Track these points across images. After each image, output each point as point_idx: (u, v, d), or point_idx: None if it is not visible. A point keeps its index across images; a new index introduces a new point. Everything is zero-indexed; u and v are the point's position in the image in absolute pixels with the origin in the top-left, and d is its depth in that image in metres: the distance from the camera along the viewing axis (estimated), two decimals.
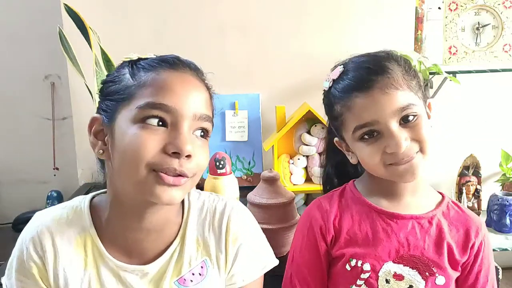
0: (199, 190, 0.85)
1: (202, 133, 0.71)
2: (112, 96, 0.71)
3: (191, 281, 0.76)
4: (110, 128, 0.70)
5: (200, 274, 0.77)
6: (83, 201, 0.78)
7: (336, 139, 0.91)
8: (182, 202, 0.80)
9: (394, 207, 0.85)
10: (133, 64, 0.72)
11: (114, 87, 0.71)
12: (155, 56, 0.73)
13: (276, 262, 0.85)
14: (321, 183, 1.03)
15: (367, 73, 0.79)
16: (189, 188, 0.71)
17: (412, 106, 0.77)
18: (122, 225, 0.74)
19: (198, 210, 0.80)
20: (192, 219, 0.79)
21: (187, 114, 0.68)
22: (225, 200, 0.82)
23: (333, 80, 0.84)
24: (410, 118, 0.78)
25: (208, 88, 0.75)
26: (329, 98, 0.86)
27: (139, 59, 0.73)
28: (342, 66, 0.85)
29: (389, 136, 0.77)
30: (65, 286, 0.73)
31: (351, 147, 0.85)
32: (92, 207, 0.77)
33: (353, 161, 0.88)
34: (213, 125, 0.75)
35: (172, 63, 0.71)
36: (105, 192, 0.78)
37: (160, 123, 0.67)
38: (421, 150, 0.79)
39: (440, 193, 0.90)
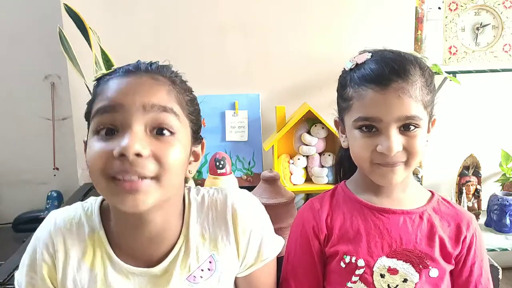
0: (198, 186, 0.84)
1: (163, 132, 0.67)
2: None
3: (201, 277, 0.76)
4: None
5: (209, 269, 0.77)
6: (94, 202, 0.79)
7: (336, 118, 0.92)
8: (183, 201, 0.80)
9: (385, 203, 0.86)
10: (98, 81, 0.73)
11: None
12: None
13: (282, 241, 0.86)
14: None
15: (389, 71, 0.79)
16: (158, 191, 0.67)
17: (418, 119, 0.79)
18: (124, 233, 0.75)
19: (198, 206, 0.79)
20: (193, 216, 0.78)
21: (133, 107, 0.65)
22: (224, 191, 0.81)
23: (357, 64, 0.84)
24: (411, 128, 0.79)
25: (173, 83, 0.71)
26: (346, 79, 0.86)
27: (103, 75, 0.72)
28: (370, 53, 0.84)
29: (384, 137, 0.79)
30: (72, 287, 0.74)
31: (347, 132, 0.87)
32: (103, 208, 0.78)
33: (344, 145, 0.90)
34: (197, 125, 0.74)
35: (125, 71, 0.70)
36: None
37: (111, 131, 0.66)
38: (407, 162, 0.81)
39: (430, 190, 0.91)
